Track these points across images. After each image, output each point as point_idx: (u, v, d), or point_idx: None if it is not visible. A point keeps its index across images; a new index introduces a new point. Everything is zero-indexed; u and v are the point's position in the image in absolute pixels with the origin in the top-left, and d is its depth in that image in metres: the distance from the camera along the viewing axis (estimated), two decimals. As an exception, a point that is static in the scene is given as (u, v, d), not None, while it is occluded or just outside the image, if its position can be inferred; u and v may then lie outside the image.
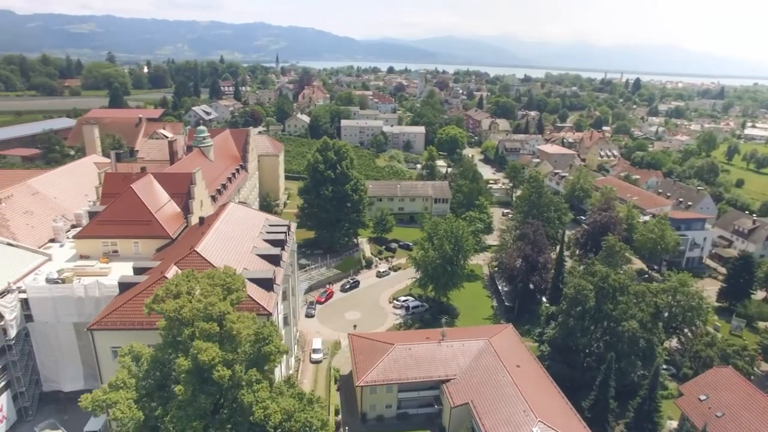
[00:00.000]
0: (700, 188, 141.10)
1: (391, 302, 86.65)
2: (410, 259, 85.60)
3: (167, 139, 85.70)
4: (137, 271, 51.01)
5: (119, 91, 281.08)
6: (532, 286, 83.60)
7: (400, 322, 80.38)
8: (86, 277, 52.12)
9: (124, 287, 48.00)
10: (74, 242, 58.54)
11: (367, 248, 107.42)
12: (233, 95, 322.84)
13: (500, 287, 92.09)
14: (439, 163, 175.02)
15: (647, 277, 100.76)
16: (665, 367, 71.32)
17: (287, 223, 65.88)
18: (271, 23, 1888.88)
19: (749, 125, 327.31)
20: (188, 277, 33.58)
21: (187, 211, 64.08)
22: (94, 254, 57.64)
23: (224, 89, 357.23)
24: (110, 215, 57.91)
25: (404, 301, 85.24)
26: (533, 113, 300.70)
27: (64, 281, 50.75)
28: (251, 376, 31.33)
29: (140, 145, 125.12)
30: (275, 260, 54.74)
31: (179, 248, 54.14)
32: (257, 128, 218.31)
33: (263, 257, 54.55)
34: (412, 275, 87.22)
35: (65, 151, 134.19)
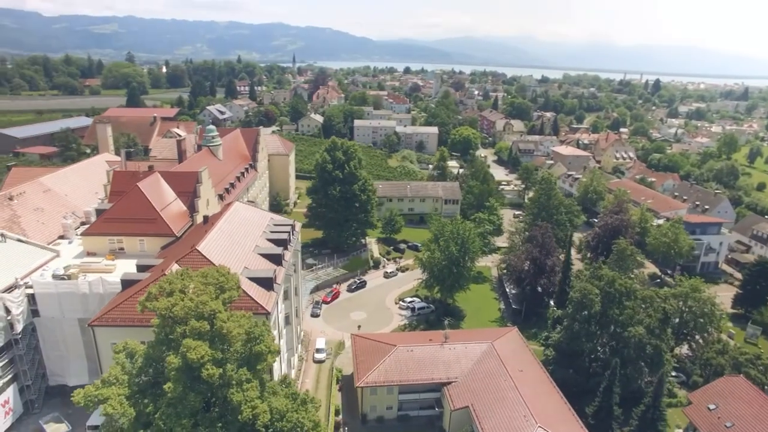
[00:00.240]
0: (717, 191, 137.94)
1: (397, 303, 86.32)
2: (416, 260, 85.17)
3: (171, 138, 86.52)
4: (140, 268, 51.50)
5: (136, 90, 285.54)
6: (539, 289, 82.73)
7: (405, 323, 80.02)
8: (91, 273, 52.89)
9: (126, 284, 48.54)
10: (82, 239, 59.41)
11: (375, 248, 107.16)
12: (248, 95, 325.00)
13: (508, 290, 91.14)
14: (451, 163, 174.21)
15: (659, 281, 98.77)
16: (675, 374, 69.93)
17: (291, 222, 65.93)
18: (289, 23, 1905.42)
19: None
20: (182, 275, 33.79)
21: (192, 209, 64.61)
22: (101, 251, 58.46)
23: (240, 89, 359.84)
24: (117, 213, 58.69)
25: (410, 302, 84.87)
26: (549, 114, 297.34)
27: (69, 277, 51.49)
28: (241, 375, 31.40)
29: (154, 143, 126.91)
30: (277, 260, 54.83)
31: (183, 246, 54.52)
32: (271, 128, 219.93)
33: (265, 256, 54.67)
34: (419, 276, 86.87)
35: (81, 149, 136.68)
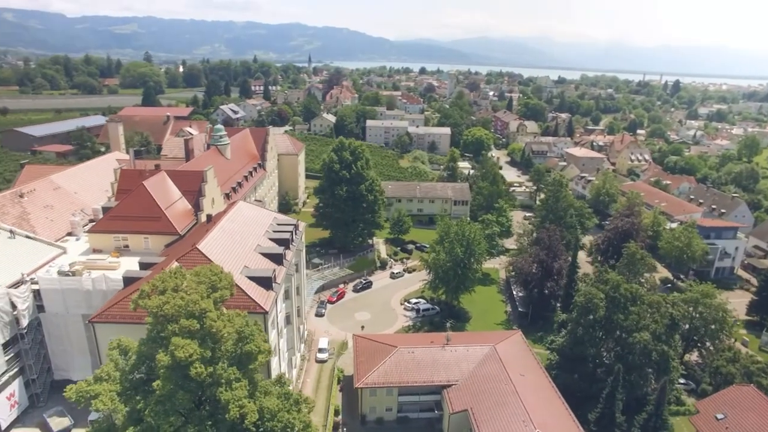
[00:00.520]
0: (735, 195, 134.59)
1: (402, 304, 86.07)
2: (421, 260, 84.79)
3: (183, 137, 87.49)
4: (143, 266, 52.03)
5: (152, 89, 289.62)
6: (546, 291, 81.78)
7: (409, 324, 79.71)
8: (96, 270, 53.60)
9: (128, 282, 49.08)
10: (88, 236, 60.28)
11: (383, 249, 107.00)
12: (263, 95, 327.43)
13: (515, 292, 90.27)
14: (463, 164, 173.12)
15: (671, 286, 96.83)
16: (683, 381, 68.50)
17: (295, 222, 66.04)
18: (306, 24, 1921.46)
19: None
20: (175, 273, 34.00)
21: (197, 208, 65.16)
22: (106, 248, 59.15)
23: (255, 89, 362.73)
24: (122, 211, 59.35)
25: (415, 303, 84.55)
26: (564, 115, 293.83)
27: (74, 274, 52.19)
28: (230, 374, 31.46)
29: (166, 142, 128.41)
30: (278, 259, 54.94)
31: (185, 245, 54.96)
32: (283, 127, 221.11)
33: (266, 256, 54.83)
34: (425, 277, 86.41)
35: (96, 147, 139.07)
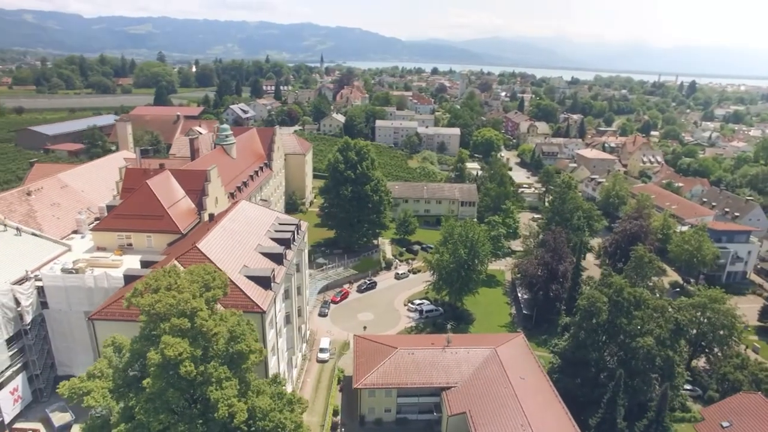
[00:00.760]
0: (749, 198, 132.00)
1: (405, 305, 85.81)
2: (425, 261, 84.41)
3: (191, 136, 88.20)
4: (144, 264, 52.33)
5: (164, 89, 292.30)
6: (551, 294, 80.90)
7: (412, 325, 79.39)
8: (98, 268, 54.20)
9: (129, 279, 49.28)
10: (92, 234, 60.95)
11: (388, 249, 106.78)
12: (274, 94, 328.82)
13: (520, 294, 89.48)
14: (472, 165, 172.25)
15: (680, 290, 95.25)
16: (690, 387, 67.37)
17: (297, 222, 66.11)
18: (318, 24, 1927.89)
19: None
20: (169, 272, 34.16)
21: (200, 207, 65.54)
22: (110, 246, 59.75)
23: (266, 88, 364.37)
24: (126, 209, 59.93)
25: (419, 304, 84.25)
26: (576, 116, 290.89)
27: (77, 271, 52.87)
28: (220, 373, 31.52)
29: (175, 141, 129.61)
30: (278, 259, 55.03)
31: (186, 244, 55.27)
32: (293, 127, 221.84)
33: (266, 255, 54.93)
34: (429, 279, 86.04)
35: (107, 146, 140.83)
